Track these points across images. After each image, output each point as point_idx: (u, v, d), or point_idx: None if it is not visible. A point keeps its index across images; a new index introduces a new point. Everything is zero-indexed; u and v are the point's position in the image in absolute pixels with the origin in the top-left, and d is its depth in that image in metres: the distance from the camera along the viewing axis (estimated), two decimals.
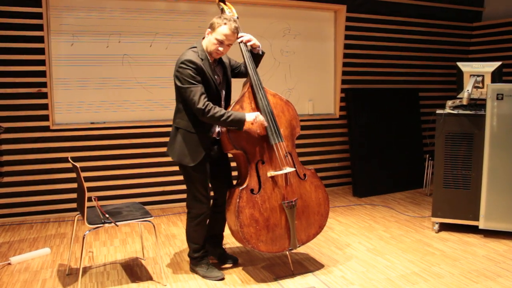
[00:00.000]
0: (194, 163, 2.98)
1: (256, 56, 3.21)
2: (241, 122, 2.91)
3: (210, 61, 3.01)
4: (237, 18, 3.21)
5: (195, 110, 2.88)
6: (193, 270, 3.30)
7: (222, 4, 3.29)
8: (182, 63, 2.89)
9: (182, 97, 2.95)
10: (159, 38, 4.76)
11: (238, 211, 2.98)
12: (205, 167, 3.06)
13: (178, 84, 2.92)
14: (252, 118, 2.95)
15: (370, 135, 5.53)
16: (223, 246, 3.55)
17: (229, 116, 2.89)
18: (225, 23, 2.91)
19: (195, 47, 3.00)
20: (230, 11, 3.25)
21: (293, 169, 3.15)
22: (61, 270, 3.36)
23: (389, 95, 5.78)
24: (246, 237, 3.01)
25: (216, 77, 3.05)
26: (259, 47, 3.20)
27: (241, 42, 3.15)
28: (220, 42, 2.93)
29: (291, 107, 3.26)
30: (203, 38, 3.05)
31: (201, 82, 2.90)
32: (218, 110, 2.88)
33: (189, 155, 2.98)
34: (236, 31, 2.96)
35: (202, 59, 2.94)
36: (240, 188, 3.03)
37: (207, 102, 2.87)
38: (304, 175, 3.24)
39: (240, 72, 3.32)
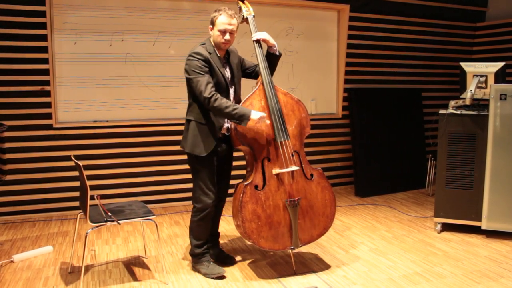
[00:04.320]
0: (205, 153, 3.03)
1: (272, 57, 3.23)
2: (245, 117, 2.92)
3: (219, 55, 3.07)
4: (254, 16, 3.25)
5: (202, 100, 2.93)
6: (194, 268, 3.31)
7: (240, 2, 3.32)
8: (189, 55, 3.01)
9: (191, 88, 3.02)
10: (162, 37, 4.76)
11: (241, 205, 3.02)
12: (212, 161, 3.11)
13: (187, 76, 3.01)
14: (257, 116, 2.95)
15: (372, 135, 5.52)
16: (221, 247, 3.56)
17: (234, 109, 2.91)
18: (220, 14, 3.00)
19: (204, 43, 3.09)
20: (247, 9, 3.27)
21: (297, 167, 3.15)
22: (63, 268, 3.37)
23: (392, 95, 5.77)
24: (247, 232, 3.04)
25: (225, 71, 3.10)
26: (275, 47, 3.22)
27: (255, 40, 3.19)
28: (223, 32, 3.00)
29: (301, 106, 3.26)
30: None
31: (208, 73, 2.97)
32: (225, 101, 2.92)
33: (200, 146, 3.04)
34: (233, 15, 3.02)
35: (210, 53, 3.02)
36: (245, 183, 3.06)
37: (213, 92, 2.92)
38: (311, 175, 3.24)
39: (254, 73, 3.33)
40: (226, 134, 3.18)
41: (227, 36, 3.00)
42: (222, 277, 3.17)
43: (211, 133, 3.06)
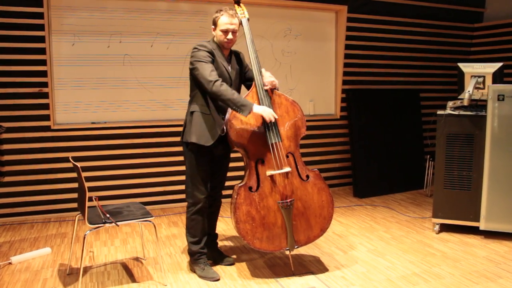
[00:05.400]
0: (211, 142, 3.05)
1: None
2: (247, 107, 2.93)
3: (223, 53, 3.13)
4: (248, 19, 3.27)
5: (206, 83, 2.93)
6: (192, 269, 3.32)
7: (236, 5, 3.34)
8: (194, 47, 3.05)
9: (195, 78, 3.02)
10: (160, 38, 4.76)
11: (235, 207, 3.06)
12: (208, 156, 3.13)
13: (191, 67, 3.03)
14: (261, 110, 2.99)
15: (370, 136, 5.53)
16: (219, 248, 3.56)
17: (237, 97, 2.94)
18: (222, 14, 3.05)
19: (209, 41, 3.15)
20: (242, 12, 3.28)
21: (290, 169, 3.14)
22: (61, 269, 3.36)
23: (390, 96, 5.77)
24: (242, 233, 3.07)
25: (228, 67, 3.15)
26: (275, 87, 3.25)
27: (266, 86, 3.16)
28: (225, 32, 3.05)
29: (296, 107, 3.25)
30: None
31: (212, 63, 3.01)
32: (228, 88, 2.95)
33: (206, 135, 3.06)
34: (234, 15, 3.07)
35: (214, 49, 3.08)
36: (239, 185, 3.10)
37: (217, 77, 2.95)
38: (307, 176, 3.23)
39: (251, 78, 3.34)
40: (221, 134, 3.16)
41: (230, 36, 3.06)
42: (216, 280, 3.17)
43: (215, 124, 3.07)
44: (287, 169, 3.13)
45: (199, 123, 3.08)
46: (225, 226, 4.32)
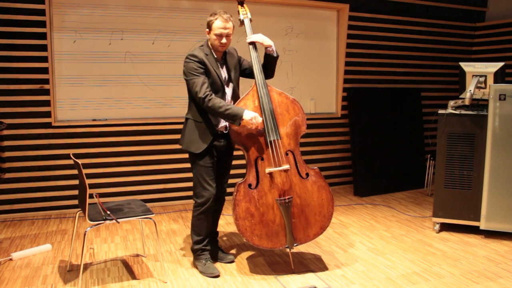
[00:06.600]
0: (200, 151, 3.12)
1: (269, 58, 3.26)
2: (237, 117, 3.00)
3: (216, 57, 3.14)
4: (251, 20, 3.31)
5: (197, 99, 3.03)
6: (194, 265, 3.33)
7: (239, 6, 3.35)
8: (186, 57, 3.09)
9: (188, 89, 3.11)
10: (162, 35, 4.76)
11: (234, 204, 3.08)
12: (211, 156, 3.17)
13: (184, 77, 3.10)
14: (250, 116, 3.01)
15: (371, 135, 5.53)
16: (220, 245, 3.57)
17: (227, 109, 2.99)
18: (216, 18, 3.06)
19: (202, 45, 3.17)
20: (244, 12, 3.30)
21: (289, 166, 3.15)
22: (62, 266, 3.37)
23: (391, 95, 5.77)
24: (241, 229, 3.09)
25: (221, 72, 3.16)
26: (270, 47, 3.24)
27: (249, 43, 3.22)
28: (219, 36, 3.06)
29: (297, 106, 3.26)
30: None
31: (204, 74, 3.06)
32: (218, 102, 3.00)
33: (196, 143, 3.14)
34: (228, 19, 3.07)
35: (206, 54, 3.10)
36: (239, 182, 3.12)
37: (208, 92, 3.01)
38: (307, 174, 3.23)
39: (252, 73, 3.35)
40: (225, 132, 3.21)
41: (224, 40, 3.08)
42: (216, 277, 3.18)
43: (207, 131, 3.13)
44: (285, 166, 3.14)
45: (191, 131, 3.16)
46: (226, 224, 4.33)
